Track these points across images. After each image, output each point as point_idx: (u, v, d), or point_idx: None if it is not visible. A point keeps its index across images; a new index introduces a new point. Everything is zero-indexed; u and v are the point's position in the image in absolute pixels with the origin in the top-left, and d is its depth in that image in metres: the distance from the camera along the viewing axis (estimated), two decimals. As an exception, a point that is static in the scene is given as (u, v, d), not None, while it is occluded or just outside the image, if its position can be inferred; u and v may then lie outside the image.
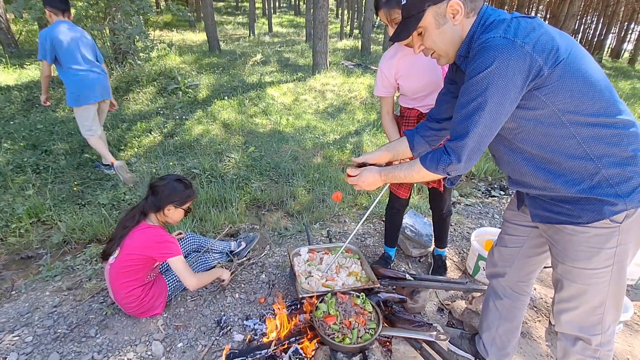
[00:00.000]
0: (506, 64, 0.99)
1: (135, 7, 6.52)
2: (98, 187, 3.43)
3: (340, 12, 24.53)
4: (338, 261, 2.11)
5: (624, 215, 1.11)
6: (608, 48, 24.56)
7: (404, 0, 1.13)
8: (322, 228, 2.99)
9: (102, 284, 2.24)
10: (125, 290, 1.88)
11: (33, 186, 3.29)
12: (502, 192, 3.85)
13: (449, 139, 1.19)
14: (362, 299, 1.79)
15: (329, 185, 3.62)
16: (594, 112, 1.07)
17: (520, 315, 1.64)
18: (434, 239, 2.51)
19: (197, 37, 13.41)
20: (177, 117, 5.38)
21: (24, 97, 5.70)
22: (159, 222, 1.99)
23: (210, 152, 4.30)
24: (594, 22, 28.04)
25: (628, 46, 25.18)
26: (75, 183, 3.45)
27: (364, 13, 12.97)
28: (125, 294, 1.89)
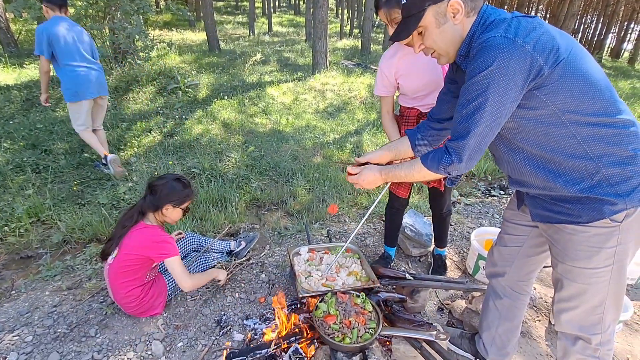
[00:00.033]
0: (507, 64, 0.99)
1: (135, 7, 6.51)
2: (98, 187, 3.43)
3: (340, 11, 24.53)
4: (338, 261, 2.11)
5: (624, 215, 1.12)
6: (608, 48, 24.57)
7: (404, 0, 1.13)
8: (322, 227, 2.99)
9: (102, 284, 2.24)
10: (125, 290, 1.88)
11: (33, 186, 3.29)
12: (502, 192, 3.85)
13: (449, 139, 1.19)
14: (362, 298, 1.79)
15: (328, 185, 3.62)
16: (594, 112, 1.07)
17: (520, 314, 1.65)
18: (433, 239, 2.51)
19: (197, 36, 13.41)
20: (177, 116, 5.38)
21: (24, 97, 5.70)
22: (157, 221, 1.98)
23: (210, 151, 4.29)
24: (594, 22, 28.07)
25: (628, 46, 25.19)
26: (75, 182, 3.44)
27: (364, 12, 12.97)
28: (125, 293, 1.89)
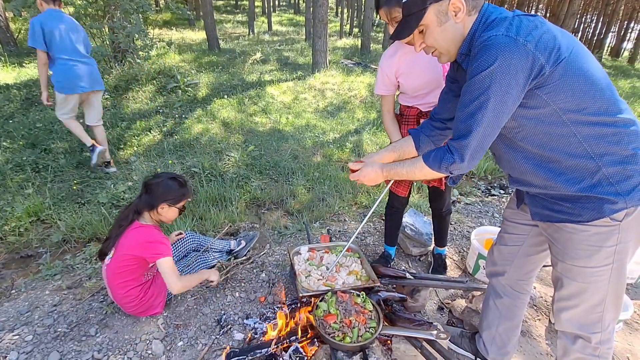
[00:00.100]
0: (508, 63, 0.99)
1: (135, 6, 6.50)
2: (97, 186, 3.43)
3: (340, 10, 24.49)
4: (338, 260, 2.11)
5: (624, 214, 1.12)
6: (608, 47, 24.55)
7: None
8: (322, 227, 2.99)
9: (101, 283, 2.24)
10: (123, 290, 1.88)
11: (32, 185, 3.29)
12: (502, 191, 3.85)
13: (451, 138, 1.19)
14: (363, 297, 1.79)
15: (328, 184, 3.62)
16: (595, 111, 1.07)
17: (520, 313, 1.65)
18: (434, 238, 2.51)
19: (197, 35, 13.39)
20: (177, 115, 5.38)
21: (23, 96, 5.69)
22: (152, 221, 1.95)
23: (209, 150, 4.29)
24: (594, 21, 28.06)
25: (628, 45, 25.17)
26: (75, 182, 3.44)
27: (364, 11, 12.95)
28: (124, 294, 1.88)
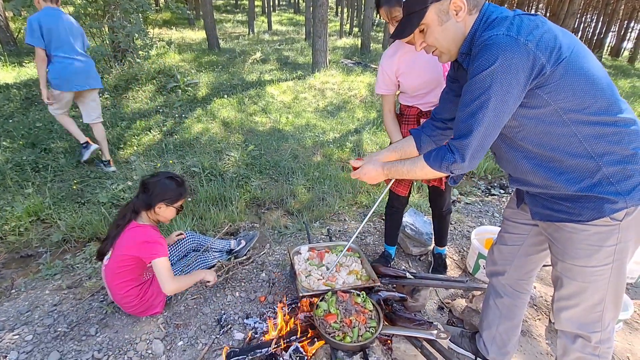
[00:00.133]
0: (509, 62, 0.99)
1: (134, 5, 6.50)
2: (97, 186, 3.43)
3: (339, 10, 24.47)
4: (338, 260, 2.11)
5: (624, 213, 1.12)
6: (608, 46, 24.55)
7: None
8: (322, 226, 2.99)
9: (101, 282, 2.23)
10: (123, 290, 1.87)
11: (32, 185, 3.28)
12: (502, 191, 3.85)
13: (452, 138, 1.18)
14: (363, 297, 1.79)
15: (328, 184, 3.62)
16: (595, 111, 1.07)
17: (520, 313, 1.65)
18: (434, 238, 2.51)
19: (196, 35, 13.38)
20: (177, 115, 5.37)
21: (23, 95, 5.68)
22: (150, 220, 1.93)
23: (209, 150, 4.29)
24: (594, 21, 28.05)
25: (628, 44, 25.20)
26: (75, 181, 3.44)
27: (364, 11, 12.94)
28: (123, 294, 1.88)
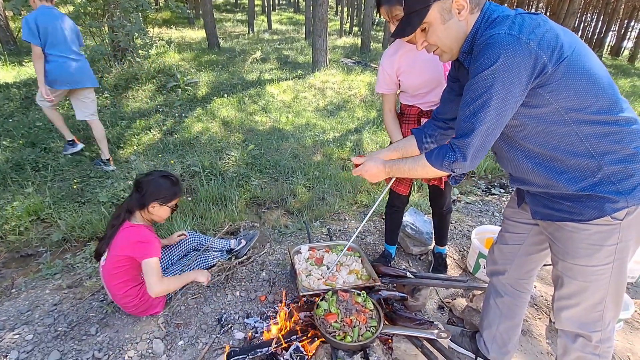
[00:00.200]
0: (511, 61, 0.99)
1: (134, 4, 6.49)
2: (97, 185, 3.42)
3: (340, 9, 24.44)
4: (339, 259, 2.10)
5: (625, 213, 1.11)
6: (608, 46, 24.54)
7: None
8: (322, 226, 2.99)
9: (101, 282, 2.23)
10: (122, 291, 1.87)
11: (32, 184, 3.28)
12: (502, 190, 3.85)
13: (454, 137, 1.18)
14: (363, 297, 1.79)
15: (329, 183, 3.62)
16: (597, 110, 1.06)
17: (520, 312, 1.65)
18: (434, 237, 2.51)
19: (196, 34, 13.37)
20: (177, 114, 5.37)
21: (23, 95, 5.67)
22: (144, 220, 1.91)
23: (209, 149, 4.29)
24: (594, 20, 28.04)
25: (628, 44, 25.18)
26: (75, 181, 3.44)
27: (364, 10, 12.93)
28: (122, 294, 1.88)
